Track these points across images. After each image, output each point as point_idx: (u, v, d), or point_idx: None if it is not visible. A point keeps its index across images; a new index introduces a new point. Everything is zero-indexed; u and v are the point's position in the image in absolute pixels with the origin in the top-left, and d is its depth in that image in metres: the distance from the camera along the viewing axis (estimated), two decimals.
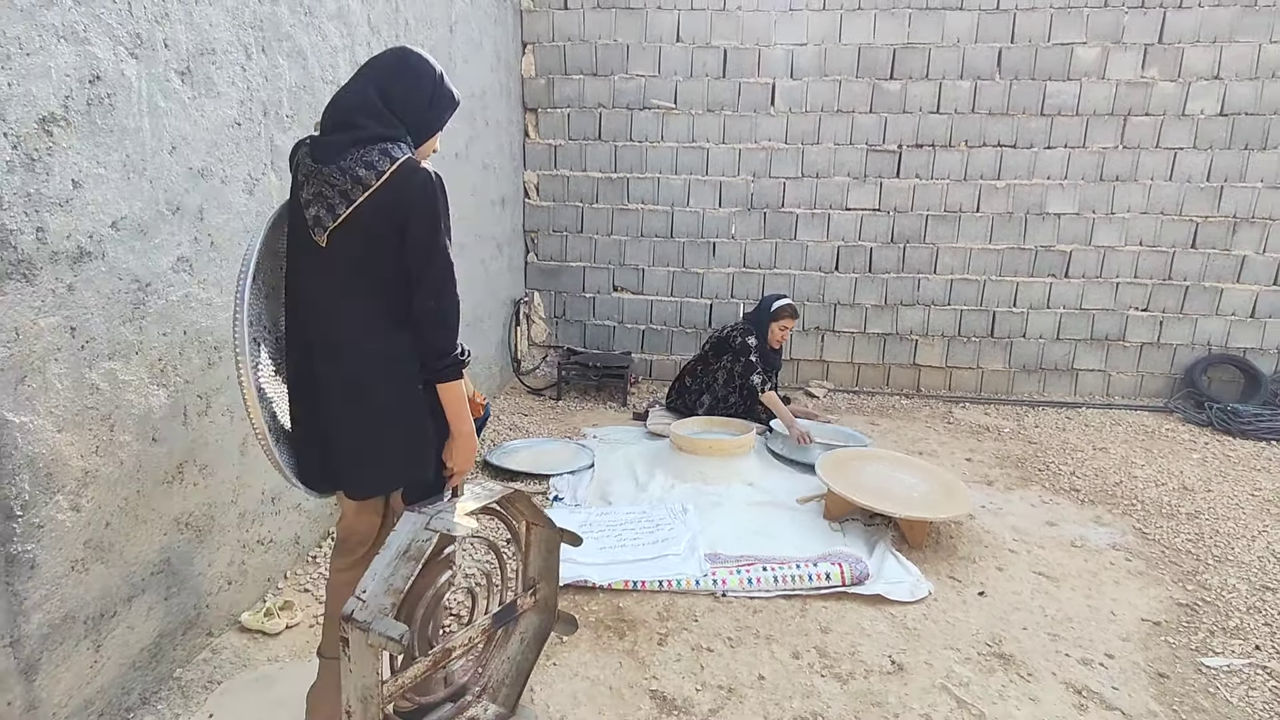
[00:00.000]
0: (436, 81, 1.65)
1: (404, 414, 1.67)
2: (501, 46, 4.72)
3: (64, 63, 1.65)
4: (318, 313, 1.65)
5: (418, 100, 1.63)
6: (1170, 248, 4.95)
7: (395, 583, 1.54)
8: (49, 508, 1.66)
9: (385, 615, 1.48)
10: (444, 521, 1.61)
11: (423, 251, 1.59)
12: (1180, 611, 2.62)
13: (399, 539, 1.61)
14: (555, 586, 2.07)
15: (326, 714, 1.83)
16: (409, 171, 1.55)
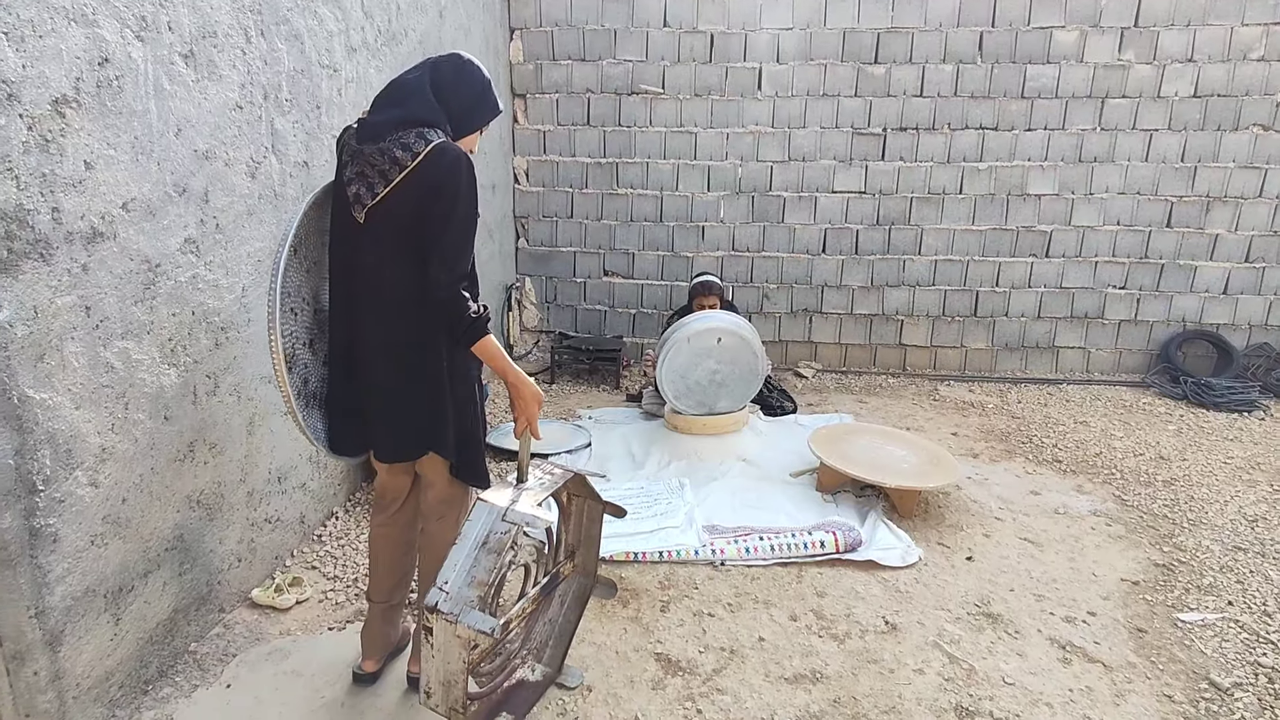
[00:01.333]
0: (484, 86, 1.80)
1: (428, 384, 1.75)
2: (490, 32, 4.73)
3: (74, 45, 1.67)
4: (356, 285, 1.75)
5: (465, 98, 1.77)
6: (1146, 227, 5.08)
7: (479, 575, 1.58)
8: (69, 483, 1.70)
9: (473, 608, 1.53)
10: (521, 515, 1.64)
11: (438, 224, 1.65)
12: (1157, 572, 2.73)
13: (475, 529, 1.64)
14: (595, 553, 2.15)
15: (378, 648, 2.04)
16: (439, 152, 1.65)
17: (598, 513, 2.16)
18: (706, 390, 3.63)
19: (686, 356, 3.58)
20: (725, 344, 3.58)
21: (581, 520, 2.20)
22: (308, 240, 1.87)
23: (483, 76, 1.81)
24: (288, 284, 1.78)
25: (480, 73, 1.81)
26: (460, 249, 1.68)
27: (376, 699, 1.99)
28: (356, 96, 2.98)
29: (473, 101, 1.79)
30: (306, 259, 1.88)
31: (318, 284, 1.92)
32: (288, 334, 1.79)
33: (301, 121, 2.59)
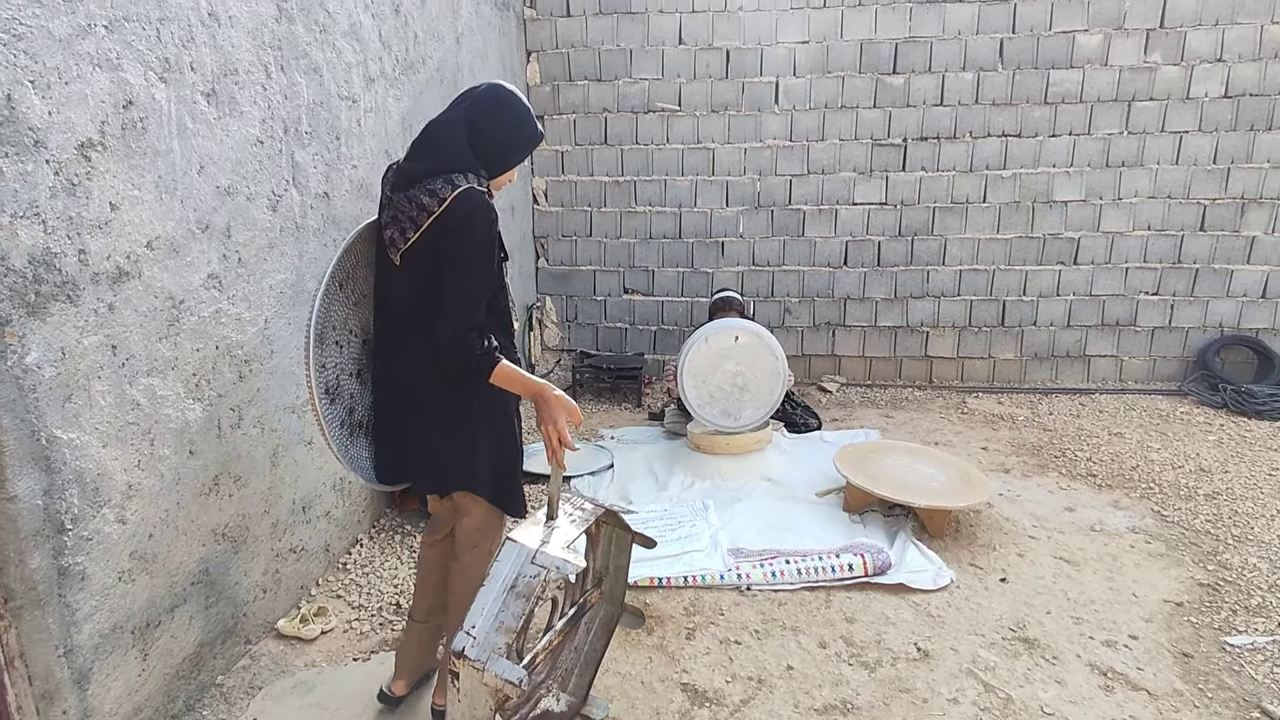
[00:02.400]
0: (520, 121, 1.80)
1: (453, 423, 1.80)
2: (506, 56, 4.78)
3: (99, 89, 1.70)
4: (394, 321, 1.83)
5: (501, 136, 1.78)
6: (1179, 231, 4.96)
7: (507, 621, 1.54)
8: (97, 521, 1.72)
9: (500, 655, 1.51)
10: (550, 558, 1.60)
11: (450, 267, 1.69)
12: (1202, 592, 2.64)
13: (503, 571, 1.60)
14: (624, 582, 2.12)
15: (411, 670, 2.08)
16: (459, 200, 1.68)
17: (626, 542, 2.14)
18: (730, 396, 3.61)
19: (705, 358, 3.58)
20: (743, 342, 3.59)
21: (610, 549, 2.17)
22: (355, 274, 1.93)
23: (520, 110, 1.81)
24: (332, 317, 1.85)
25: (517, 106, 1.80)
26: (469, 292, 1.70)
27: None
28: (375, 126, 3.02)
29: (509, 138, 1.81)
30: (355, 292, 1.94)
31: (366, 316, 1.97)
32: (333, 365, 1.85)
33: (321, 153, 2.63)
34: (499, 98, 1.79)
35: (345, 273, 1.88)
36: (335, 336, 1.86)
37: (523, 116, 1.81)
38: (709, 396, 3.62)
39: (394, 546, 2.92)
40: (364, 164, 2.93)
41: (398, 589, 2.64)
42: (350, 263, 1.89)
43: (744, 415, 3.63)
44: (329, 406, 1.81)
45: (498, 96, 1.79)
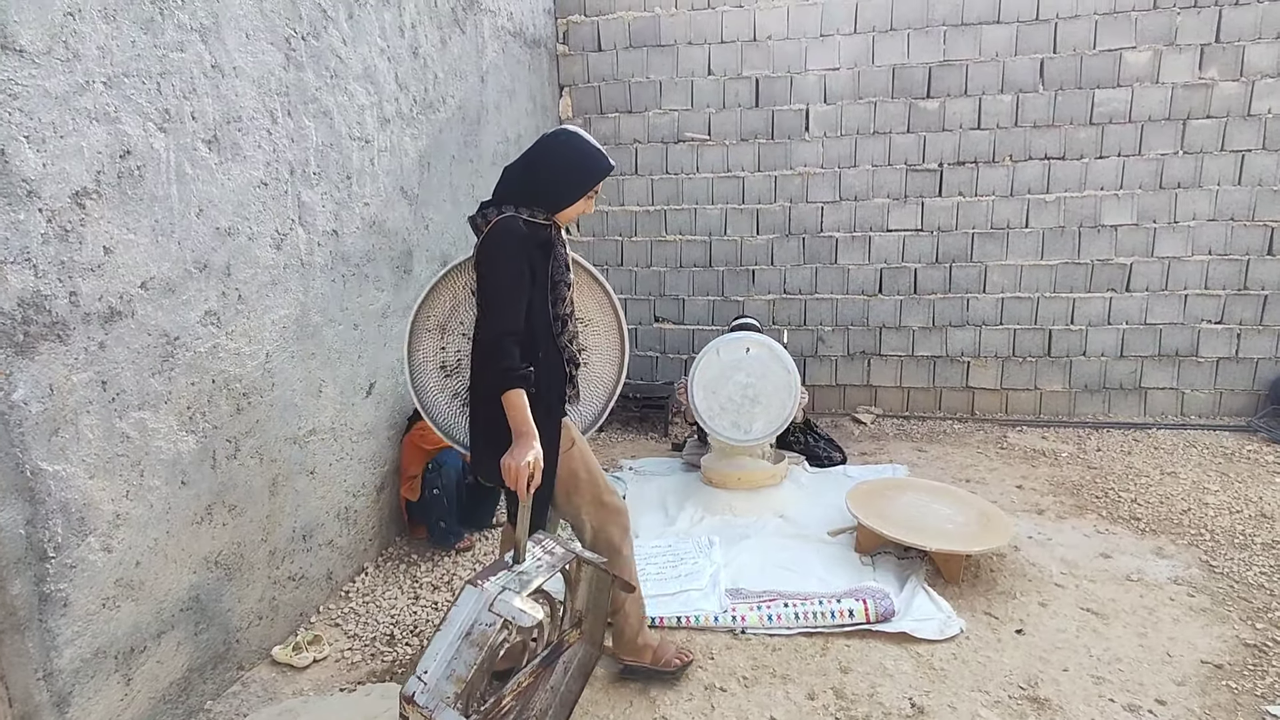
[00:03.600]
0: (570, 161, 1.98)
1: (484, 422, 1.99)
2: (536, 91, 4.88)
3: (96, 141, 1.81)
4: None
5: (549, 174, 1.97)
6: (1244, 255, 4.63)
7: (458, 669, 1.55)
8: (81, 549, 1.80)
9: (449, 705, 1.51)
10: (508, 607, 1.60)
11: (479, 279, 1.95)
12: (1247, 653, 2.41)
13: (460, 615, 1.61)
14: (603, 621, 2.10)
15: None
16: (498, 224, 1.91)
17: (606, 583, 2.10)
18: (740, 408, 3.55)
19: (717, 369, 3.60)
20: (754, 354, 3.59)
21: (591, 589, 2.14)
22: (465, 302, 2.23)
23: (569, 151, 1.98)
24: (460, 314, 2.22)
25: (569, 148, 1.99)
26: (496, 300, 1.87)
27: None
28: (390, 165, 3.12)
29: (557, 176, 1.97)
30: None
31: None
32: (453, 350, 2.23)
33: (330, 193, 2.73)
34: (555, 140, 2.00)
35: (426, 296, 2.20)
36: (462, 330, 2.22)
37: (573, 158, 1.98)
38: (719, 408, 3.58)
39: (397, 577, 2.96)
40: (377, 202, 3.02)
41: (394, 619, 2.67)
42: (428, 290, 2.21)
43: (755, 428, 3.55)
44: (443, 379, 2.23)
45: (555, 139, 2.00)
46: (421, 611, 2.71)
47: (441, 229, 3.59)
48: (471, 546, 3.18)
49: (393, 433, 3.17)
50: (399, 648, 2.50)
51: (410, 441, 3.10)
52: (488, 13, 4.10)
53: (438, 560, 3.08)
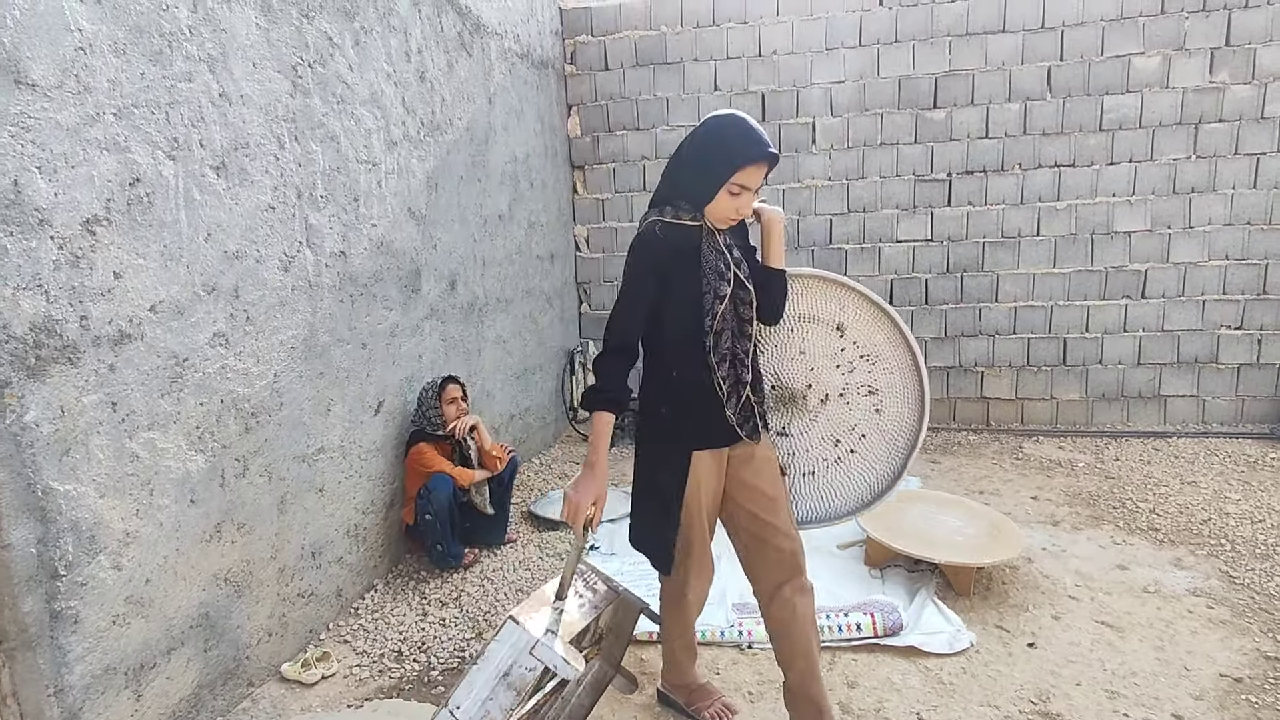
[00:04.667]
0: (708, 142, 1.70)
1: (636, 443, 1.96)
2: (544, 111, 4.95)
3: (106, 170, 1.87)
4: None
5: (690, 160, 1.73)
6: (1263, 259, 4.56)
7: (493, 712, 1.52)
8: (91, 567, 1.84)
9: None
10: (550, 655, 1.54)
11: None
12: (1268, 666, 2.35)
13: (500, 654, 1.55)
14: (624, 645, 2.08)
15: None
16: (638, 233, 1.79)
17: (635, 610, 2.06)
18: None
19: None
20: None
21: (617, 612, 2.10)
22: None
23: (715, 132, 1.70)
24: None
25: (712, 128, 1.71)
26: (612, 314, 1.77)
27: None
28: (398, 186, 3.18)
29: (695, 161, 1.72)
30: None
31: (778, 365, 2.08)
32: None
33: (338, 215, 2.78)
34: (703, 123, 1.74)
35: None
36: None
37: (709, 141, 1.70)
38: None
39: (406, 593, 2.98)
40: (384, 223, 3.08)
41: (402, 636, 2.68)
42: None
43: None
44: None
45: (704, 121, 1.74)
46: (429, 628, 2.72)
47: (450, 248, 3.64)
48: (477, 562, 3.20)
49: (401, 451, 3.20)
50: (406, 664, 2.52)
51: (408, 465, 3.13)
52: (494, 36, 4.18)
53: (446, 577, 3.10)
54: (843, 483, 2.05)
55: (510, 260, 4.39)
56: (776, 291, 1.89)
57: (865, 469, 2.03)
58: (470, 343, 3.89)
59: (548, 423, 5.05)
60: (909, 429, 1.98)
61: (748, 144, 1.66)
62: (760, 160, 1.67)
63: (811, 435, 2.03)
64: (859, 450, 2.02)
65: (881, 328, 1.95)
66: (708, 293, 1.75)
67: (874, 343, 1.97)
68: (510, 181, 4.39)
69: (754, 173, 1.68)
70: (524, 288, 4.61)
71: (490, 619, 2.77)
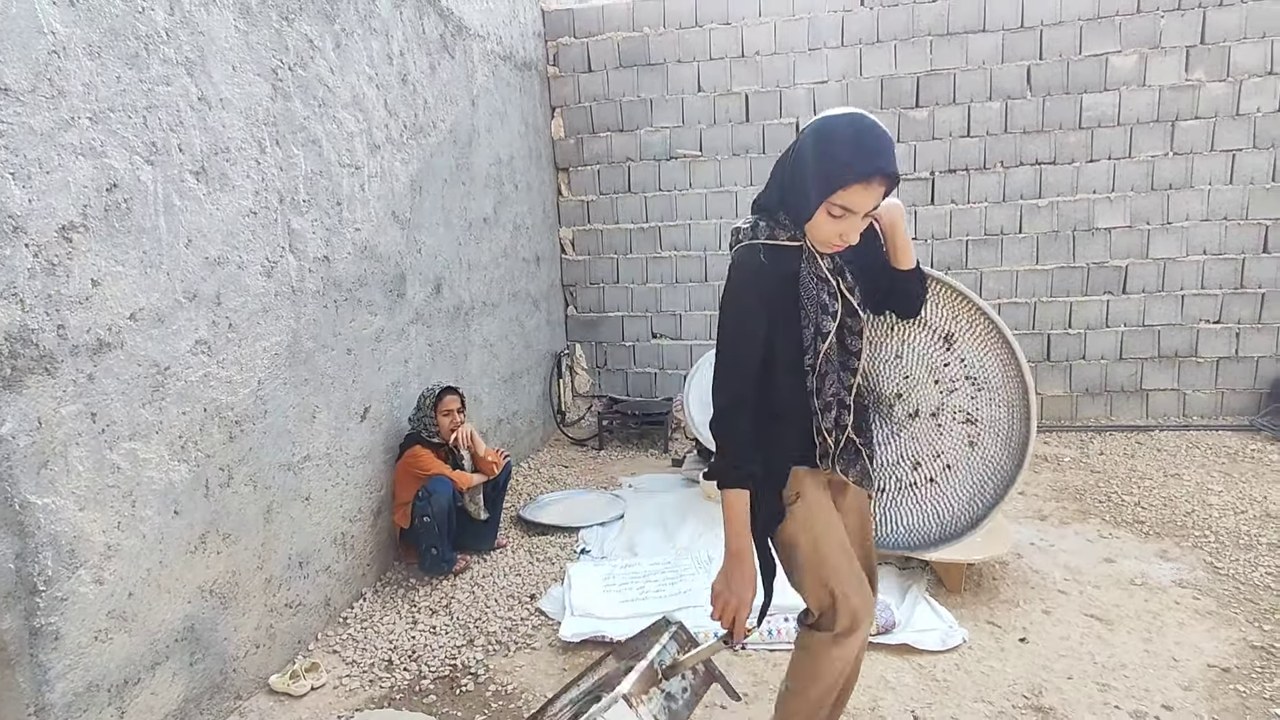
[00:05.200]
0: (817, 153, 1.39)
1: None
2: (528, 113, 4.93)
3: (82, 176, 1.83)
4: None
5: (794, 167, 1.45)
6: (1239, 254, 4.63)
7: None
8: (72, 582, 1.79)
9: None
10: None
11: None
12: (1254, 655, 2.37)
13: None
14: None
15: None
16: (733, 254, 1.53)
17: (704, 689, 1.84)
18: None
19: (709, 379, 3.55)
20: None
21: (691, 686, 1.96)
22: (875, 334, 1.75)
23: (823, 135, 1.39)
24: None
25: (820, 131, 1.39)
26: (720, 359, 1.50)
27: None
28: (381, 190, 3.15)
29: (799, 170, 1.43)
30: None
31: (869, 364, 1.77)
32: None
33: (321, 219, 2.75)
34: (813, 122, 1.43)
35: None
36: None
37: (819, 147, 1.39)
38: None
39: (395, 602, 2.95)
40: (368, 227, 3.05)
41: (392, 645, 2.65)
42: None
43: None
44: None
45: (814, 120, 1.43)
46: (420, 636, 2.69)
47: (435, 252, 3.61)
48: (468, 568, 3.17)
49: (388, 457, 3.17)
50: (397, 673, 2.49)
51: (402, 467, 3.10)
52: (477, 38, 4.15)
53: (436, 584, 3.06)
54: (910, 511, 1.79)
55: (496, 263, 4.37)
56: (912, 293, 1.60)
57: (940, 505, 1.75)
58: (457, 347, 3.86)
59: (535, 426, 5.02)
60: (1000, 476, 1.68)
61: (856, 156, 1.34)
62: (870, 178, 1.34)
63: (890, 450, 1.76)
64: (939, 482, 1.74)
65: (996, 352, 1.64)
66: (808, 327, 1.48)
67: (984, 366, 1.66)
68: (495, 184, 4.36)
69: (861, 193, 1.35)
70: (510, 291, 4.59)
71: (481, 625, 2.75)
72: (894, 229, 1.56)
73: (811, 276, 1.47)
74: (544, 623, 2.75)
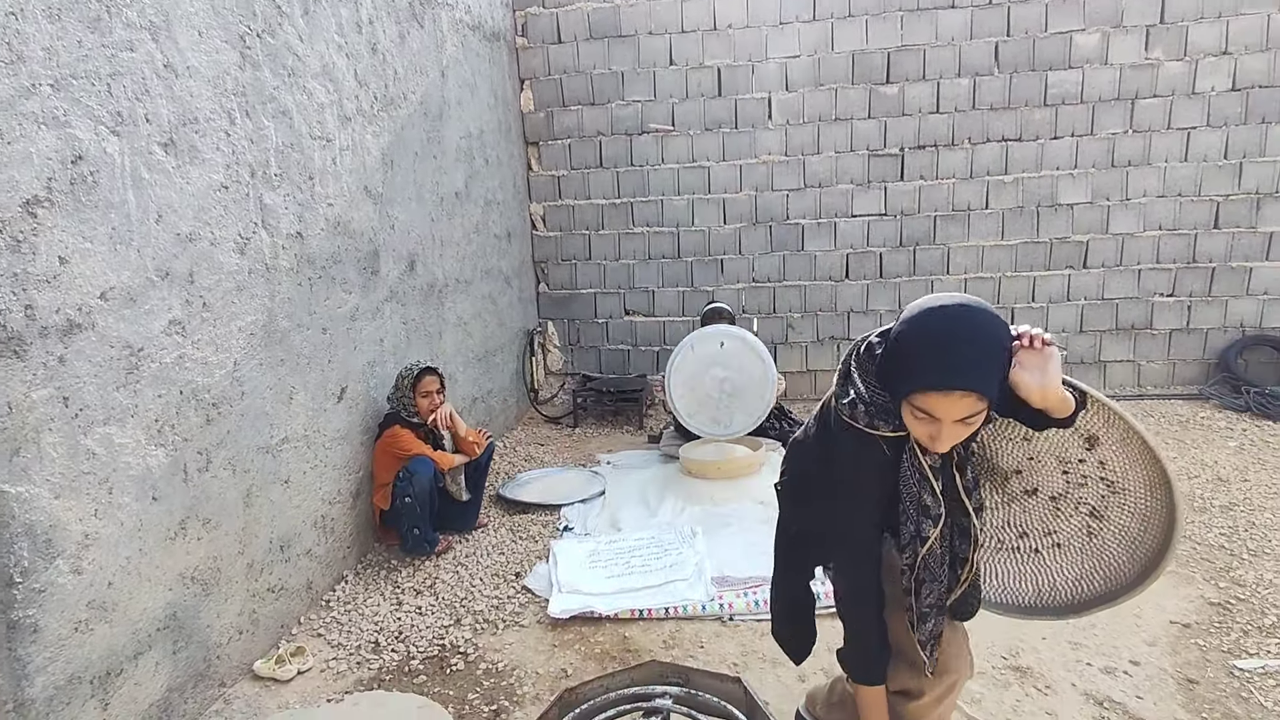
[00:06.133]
0: (899, 344, 1.24)
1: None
2: (498, 85, 4.82)
3: (45, 147, 1.74)
4: None
5: (889, 351, 1.29)
6: (1192, 229, 4.79)
7: None
8: (49, 572, 1.73)
9: None
10: None
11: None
12: (1212, 611, 2.50)
13: None
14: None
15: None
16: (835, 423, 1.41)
17: None
18: (719, 403, 3.58)
19: (692, 364, 3.60)
20: (729, 348, 3.60)
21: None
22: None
23: (907, 329, 1.23)
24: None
25: (909, 323, 1.23)
26: (842, 544, 1.44)
27: None
28: (353, 163, 3.05)
29: (884, 363, 1.30)
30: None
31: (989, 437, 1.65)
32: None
33: (293, 194, 2.66)
34: (929, 304, 1.22)
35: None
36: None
37: (902, 339, 1.23)
38: (697, 404, 3.60)
39: (378, 583, 2.91)
40: (341, 201, 2.96)
41: (378, 626, 2.62)
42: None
43: (735, 422, 3.58)
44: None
45: (930, 302, 1.23)
46: (406, 617, 2.67)
47: (407, 228, 3.53)
48: (450, 548, 3.15)
49: (366, 438, 3.11)
50: (385, 654, 2.47)
51: (381, 448, 3.05)
52: (445, 6, 4.03)
53: (418, 565, 3.04)
54: (1004, 572, 1.69)
55: (468, 240, 4.29)
56: (1057, 424, 1.34)
57: (1039, 575, 1.65)
58: (431, 325, 3.79)
59: (509, 405, 4.98)
60: (1113, 578, 1.56)
61: (932, 365, 1.17)
62: (943, 389, 1.17)
63: (998, 517, 1.66)
64: (1044, 554, 1.63)
65: (1143, 470, 1.50)
66: (907, 524, 1.36)
67: (1126, 476, 1.52)
68: (465, 158, 4.27)
69: (942, 402, 1.18)
70: (482, 268, 4.52)
71: (468, 605, 2.73)
72: (1031, 396, 1.23)
73: (913, 472, 1.33)
74: (531, 600, 2.76)
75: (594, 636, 2.51)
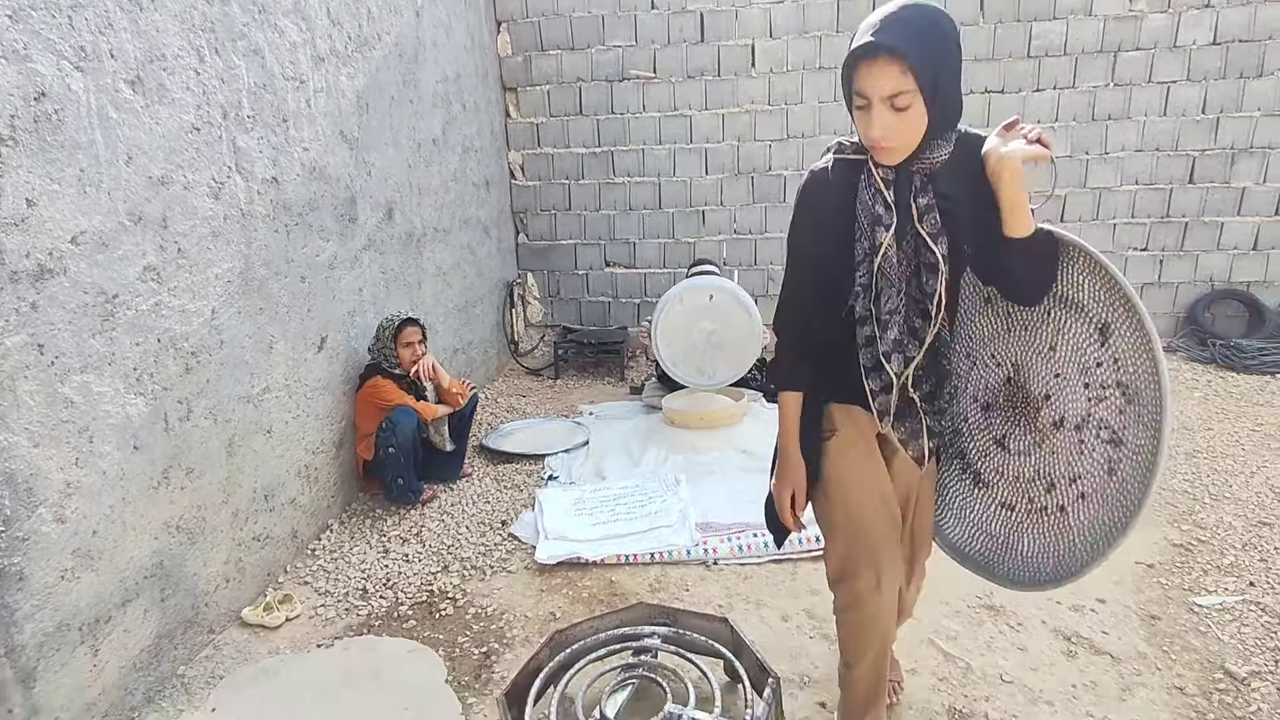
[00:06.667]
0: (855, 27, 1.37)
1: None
2: (474, 27, 4.66)
3: (6, 82, 1.65)
4: None
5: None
6: (1167, 184, 4.84)
7: None
8: (32, 521, 1.71)
9: None
10: None
11: None
12: (1174, 552, 2.61)
13: None
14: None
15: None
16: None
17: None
18: (704, 354, 3.59)
19: (680, 316, 3.60)
20: (717, 301, 3.60)
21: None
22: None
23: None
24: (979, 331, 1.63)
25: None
26: (785, 279, 1.56)
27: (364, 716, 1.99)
28: (328, 106, 2.95)
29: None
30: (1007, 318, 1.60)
31: (1020, 354, 1.57)
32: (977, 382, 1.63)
33: (267, 137, 2.57)
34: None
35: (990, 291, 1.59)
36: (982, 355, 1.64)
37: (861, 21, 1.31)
38: (682, 354, 3.62)
39: (364, 531, 2.93)
40: (316, 146, 2.87)
41: (365, 574, 2.65)
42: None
43: (719, 373, 3.60)
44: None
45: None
46: (393, 565, 2.70)
47: (384, 174, 3.44)
48: (435, 498, 3.16)
49: (348, 388, 3.08)
50: (373, 601, 2.49)
51: (363, 398, 3.02)
52: None
53: (404, 514, 3.05)
54: (1031, 540, 1.60)
55: (446, 188, 4.20)
56: (1013, 271, 1.41)
57: (1059, 540, 1.54)
58: (410, 275, 3.73)
59: (490, 356, 4.96)
60: (1129, 509, 1.41)
61: (859, 33, 1.24)
62: (864, 54, 1.21)
63: (1027, 463, 1.58)
64: (1070, 512, 1.52)
65: (1148, 354, 1.37)
66: (861, 241, 1.38)
67: (1137, 373, 1.39)
68: (443, 103, 4.15)
69: (868, 74, 1.22)
70: (461, 217, 4.43)
71: (455, 552, 2.76)
72: (994, 179, 1.31)
73: (868, 188, 1.37)
74: (518, 547, 2.79)
75: (581, 581, 2.55)
